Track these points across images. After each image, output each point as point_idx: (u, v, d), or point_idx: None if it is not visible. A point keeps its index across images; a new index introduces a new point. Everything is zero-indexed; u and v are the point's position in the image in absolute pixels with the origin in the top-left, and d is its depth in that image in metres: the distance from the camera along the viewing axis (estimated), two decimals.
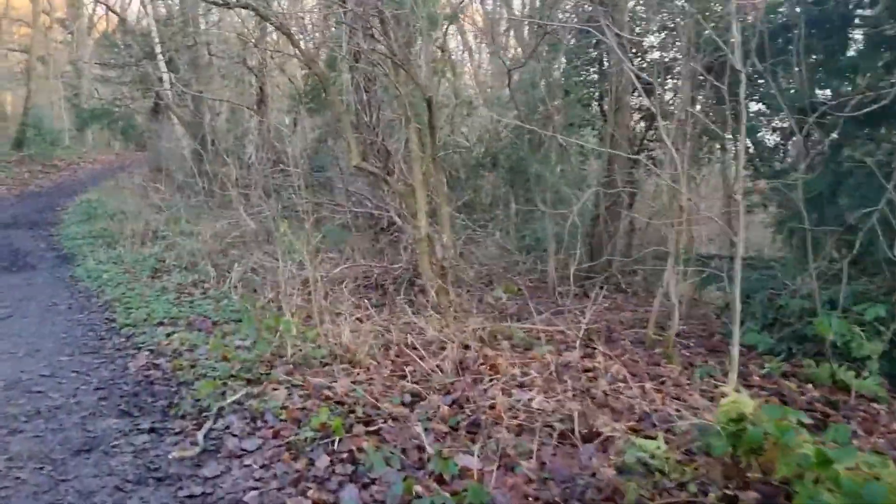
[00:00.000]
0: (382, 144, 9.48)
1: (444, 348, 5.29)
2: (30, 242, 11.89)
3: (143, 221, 12.13)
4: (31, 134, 20.74)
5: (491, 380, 4.32)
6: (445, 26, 12.56)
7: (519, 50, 20.34)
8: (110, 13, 25.12)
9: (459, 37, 19.65)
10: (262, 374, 4.63)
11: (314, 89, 13.49)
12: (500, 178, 14.50)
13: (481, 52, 21.02)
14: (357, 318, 6.19)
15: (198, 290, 7.98)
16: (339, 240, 9.96)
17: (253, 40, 12.23)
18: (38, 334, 6.13)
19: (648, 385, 4.27)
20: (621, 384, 4.42)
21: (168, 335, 5.87)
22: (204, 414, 4.01)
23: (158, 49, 15.13)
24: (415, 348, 5.23)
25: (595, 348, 5.71)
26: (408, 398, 4.11)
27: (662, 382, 4.64)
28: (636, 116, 12.04)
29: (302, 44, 8.37)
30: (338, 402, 4.05)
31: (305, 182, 9.25)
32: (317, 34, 12.10)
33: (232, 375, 4.60)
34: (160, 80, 15.90)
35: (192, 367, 4.92)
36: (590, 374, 4.60)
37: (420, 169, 7.79)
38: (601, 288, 7.86)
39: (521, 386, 4.23)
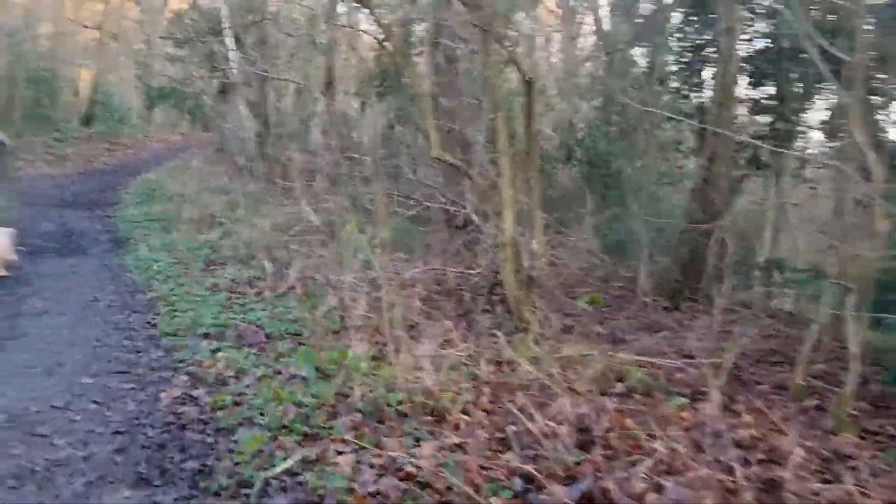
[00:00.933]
0: (461, 133, 8.31)
1: (545, 388, 4.13)
2: (86, 223, 11.14)
3: (201, 206, 11.26)
4: (99, 111, 20.23)
5: (631, 459, 3.12)
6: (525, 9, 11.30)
7: (592, 38, 18.90)
8: None
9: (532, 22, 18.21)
10: (321, 426, 3.51)
11: (385, 71, 12.38)
12: (578, 172, 13.20)
13: (552, 38, 19.52)
14: (435, 341, 5.06)
15: (252, 290, 6.96)
16: (408, 237, 8.85)
17: (322, 15, 11.16)
18: (68, 341, 5.18)
19: (851, 484, 3.00)
20: (805, 470, 3.17)
21: (213, 352, 4.83)
22: (244, 491, 2.91)
23: (226, 24, 14.19)
24: (511, 391, 4.07)
25: (732, 397, 4.45)
26: (518, 484, 2.93)
27: (853, 468, 3.36)
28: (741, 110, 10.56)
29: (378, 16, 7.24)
30: (423, 485, 2.91)
31: (375, 171, 8.16)
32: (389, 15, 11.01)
33: (284, 426, 3.50)
34: (227, 58, 15.02)
35: (237, 404, 3.84)
36: (757, 453, 3.34)
37: (509, 163, 6.60)
38: (749, 312, 6.44)
39: (670, 471, 3.02)
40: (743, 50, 9.99)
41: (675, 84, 11.35)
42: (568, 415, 3.56)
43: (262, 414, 3.65)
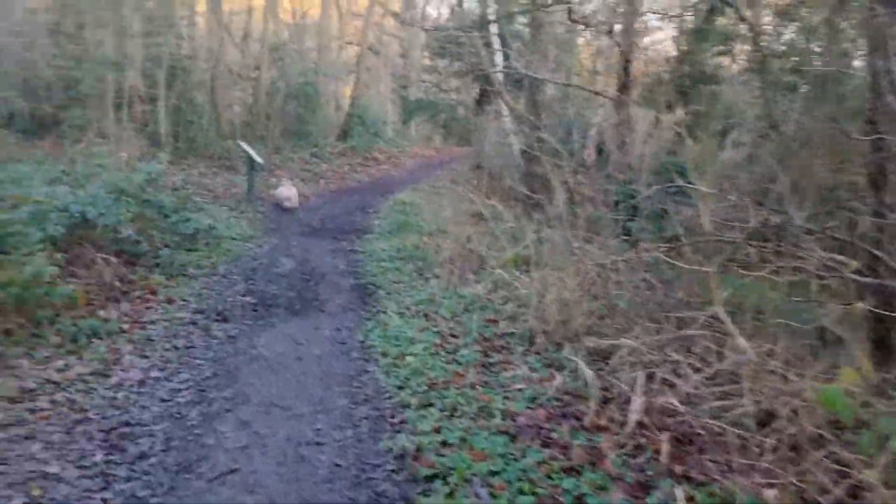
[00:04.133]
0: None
1: None
2: (328, 260, 8.63)
3: (462, 241, 8.24)
4: (355, 125, 18.56)
5: None
6: None
7: None
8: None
9: None
10: None
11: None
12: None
13: None
14: None
15: (575, 442, 3.56)
16: (801, 320, 4.88)
17: None
18: None
19: None
20: None
21: None
22: None
23: (493, 16, 11.14)
24: None
25: None
26: None
27: None
28: None
29: None
30: None
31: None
32: None
33: None
34: (492, 61, 12.02)
35: None
36: None
37: None
38: None
39: None
40: None
41: None
42: None
43: None
